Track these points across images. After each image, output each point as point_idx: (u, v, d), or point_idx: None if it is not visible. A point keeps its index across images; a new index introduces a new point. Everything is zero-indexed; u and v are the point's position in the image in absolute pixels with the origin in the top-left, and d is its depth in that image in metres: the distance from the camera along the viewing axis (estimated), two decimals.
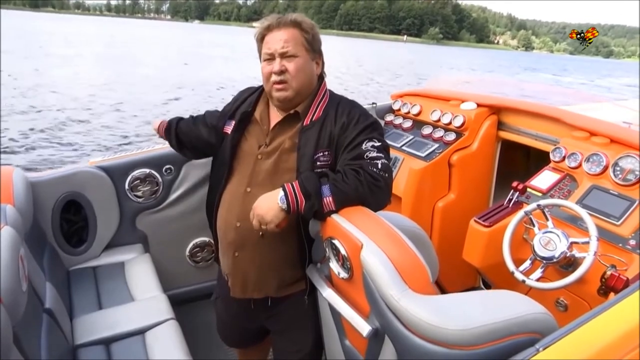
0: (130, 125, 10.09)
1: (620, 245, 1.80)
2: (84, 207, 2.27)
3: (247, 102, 1.75)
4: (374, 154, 1.50)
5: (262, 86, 1.74)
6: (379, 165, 1.48)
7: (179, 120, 1.95)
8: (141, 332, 1.85)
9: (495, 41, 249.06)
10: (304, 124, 1.61)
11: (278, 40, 1.57)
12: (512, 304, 1.17)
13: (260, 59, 1.64)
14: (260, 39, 1.63)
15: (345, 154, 1.54)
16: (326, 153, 1.57)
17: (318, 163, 1.56)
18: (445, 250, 2.41)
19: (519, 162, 2.99)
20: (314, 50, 1.64)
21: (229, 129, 1.74)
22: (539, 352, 1.03)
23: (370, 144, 1.52)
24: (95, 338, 1.79)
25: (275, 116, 1.69)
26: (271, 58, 1.59)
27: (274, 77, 1.58)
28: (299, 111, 1.63)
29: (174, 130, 1.93)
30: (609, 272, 1.62)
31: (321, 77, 1.71)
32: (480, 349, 1.08)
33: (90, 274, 2.21)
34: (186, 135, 1.92)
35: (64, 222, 2.24)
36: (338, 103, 1.65)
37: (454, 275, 2.46)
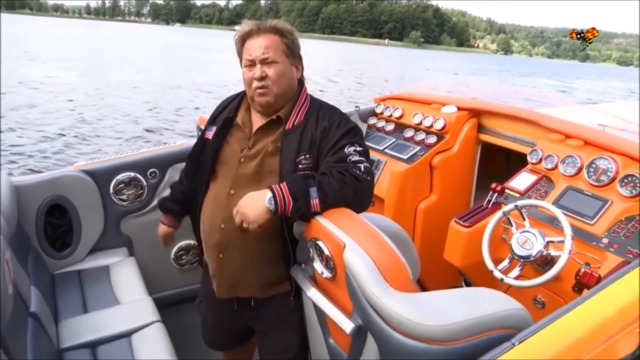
0: None
1: (594, 243, 1.87)
2: (69, 211, 2.26)
3: (229, 108, 1.78)
4: (357, 158, 1.54)
5: (243, 92, 1.77)
6: (362, 168, 1.52)
7: (171, 194, 2.02)
8: (127, 334, 1.85)
9: (476, 45, 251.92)
10: (286, 128, 1.65)
11: (258, 46, 1.61)
12: (489, 300, 1.21)
13: (241, 64, 1.68)
14: (241, 44, 1.66)
15: (328, 157, 1.58)
16: (307, 156, 1.61)
17: (300, 166, 1.60)
18: (428, 250, 2.46)
19: (499, 164, 3.06)
20: (294, 55, 1.68)
21: (210, 134, 1.76)
22: (514, 346, 1.08)
23: (352, 148, 1.57)
24: (81, 341, 1.79)
25: (257, 120, 1.72)
26: (252, 64, 1.62)
27: (256, 83, 1.61)
28: (281, 116, 1.66)
29: (177, 205, 1.97)
30: (582, 270, 1.68)
31: (301, 82, 1.75)
32: (459, 344, 1.12)
33: (75, 278, 2.20)
34: (188, 194, 1.91)
35: (48, 226, 2.23)
36: (319, 108, 1.69)
37: (437, 275, 2.51)
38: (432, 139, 2.68)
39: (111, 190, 2.35)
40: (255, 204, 1.48)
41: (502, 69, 57.95)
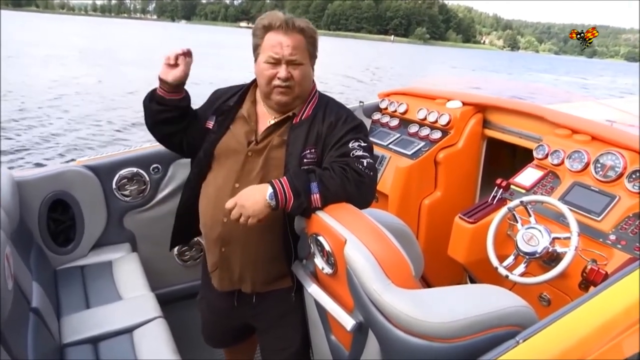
0: None
1: (601, 240, 1.84)
2: (71, 206, 2.26)
3: (233, 99, 1.75)
4: (360, 153, 1.53)
5: (248, 84, 1.75)
6: (365, 164, 1.51)
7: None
8: (129, 330, 1.85)
9: (482, 41, 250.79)
10: (294, 122, 1.64)
11: (286, 46, 1.55)
12: (494, 297, 1.19)
13: (255, 53, 1.63)
14: (261, 36, 1.60)
15: (332, 151, 1.57)
16: (313, 150, 1.60)
17: (305, 160, 1.58)
18: (432, 247, 2.44)
19: (505, 159, 3.03)
20: (313, 56, 1.67)
21: (211, 124, 1.73)
22: (519, 344, 1.06)
23: (357, 143, 1.56)
24: (83, 337, 1.79)
25: (263, 113, 1.69)
26: (277, 63, 1.57)
27: (278, 82, 1.58)
28: (296, 112, 1.65)
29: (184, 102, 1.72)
30: (589, 267, 1.66)
31: None
32: (462, 342, 1.10)
33: (78, 274, 2.20)
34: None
35: (51, 222, 2.23)
36: (327, 103, 1.69)
37: (441, 271, 2.49)
38: (437, 135, 2.66)
39: (114, 186, 2.34)
40: (255, 198, 1.46)
41: (514, 65, 57.65)
